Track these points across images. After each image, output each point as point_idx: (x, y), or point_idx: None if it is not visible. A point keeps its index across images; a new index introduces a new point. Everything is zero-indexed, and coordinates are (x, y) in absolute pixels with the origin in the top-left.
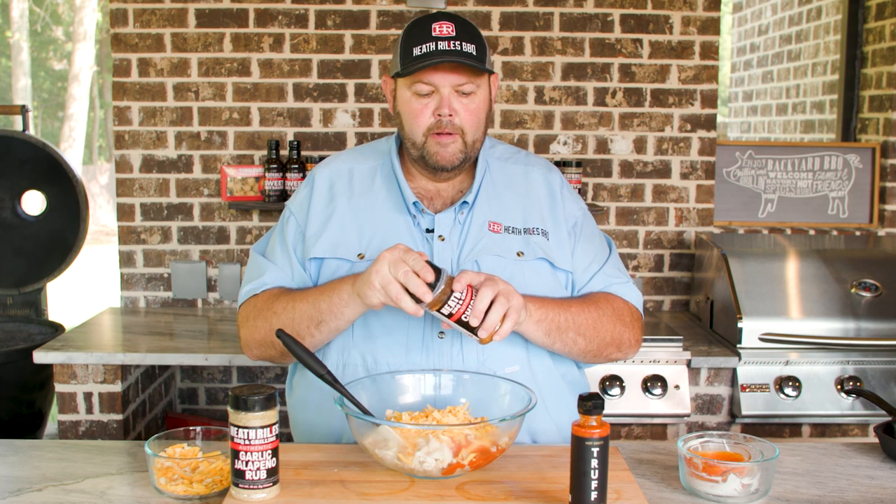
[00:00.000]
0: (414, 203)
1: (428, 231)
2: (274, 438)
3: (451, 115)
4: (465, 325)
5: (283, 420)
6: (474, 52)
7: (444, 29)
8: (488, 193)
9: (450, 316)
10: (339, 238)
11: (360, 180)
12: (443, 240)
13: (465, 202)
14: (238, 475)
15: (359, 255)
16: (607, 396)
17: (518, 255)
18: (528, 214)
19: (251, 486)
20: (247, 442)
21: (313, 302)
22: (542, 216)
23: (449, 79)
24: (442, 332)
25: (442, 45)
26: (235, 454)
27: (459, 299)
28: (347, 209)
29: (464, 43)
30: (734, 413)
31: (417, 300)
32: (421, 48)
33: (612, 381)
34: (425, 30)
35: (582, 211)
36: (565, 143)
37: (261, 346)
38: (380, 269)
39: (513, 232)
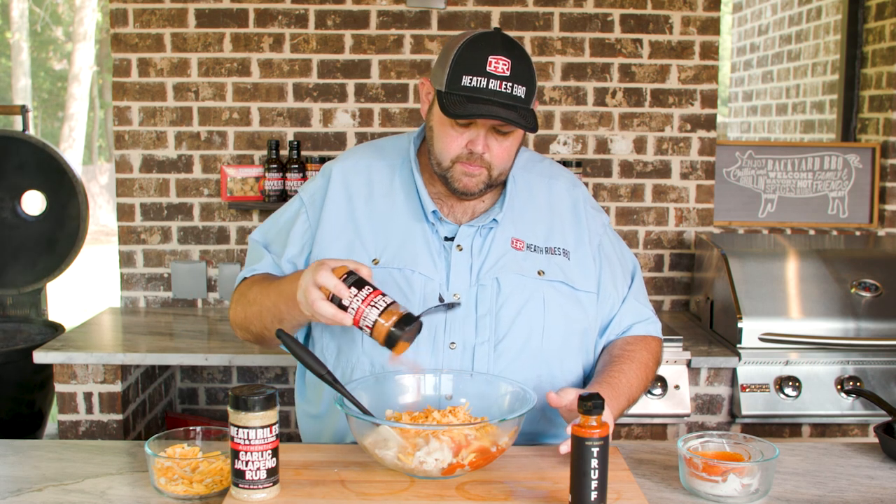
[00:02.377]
0: (433, 212)
1: (447, 239)
2: (274, 438)
3: (483, 152)
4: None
5: (284, 420)
6: (523, 96)
7: (499, 66)
8: (512, 207)
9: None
10: (354, 241)
11: (378, 181)
12: (461, 249)
13: (494, 219)
14: (238, 475)
15: (374, 259)
16: None
17: (539, 273)
18: (550, 233)
19: (251, 486)
20: (247, 442)
21: (274, 301)
22: (563, 235)
23: (490, 121)
24: (453, 343)
25: (494, 84)
26: (235, 454)
27: (354, 296)
28: (364, 211)
29: (516, 85)
30: (734, 413)
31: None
32: (472, 80)
33: None
34: (480, 60)
35: (604, 227)
36: (565, 143)
37: (239, 328)
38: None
39: (535, 250)
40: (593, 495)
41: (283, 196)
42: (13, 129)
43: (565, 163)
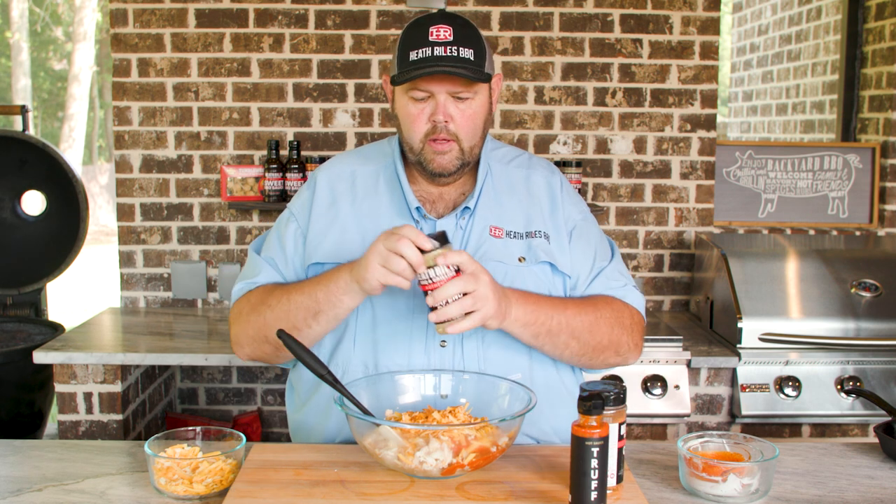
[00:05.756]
0: (416, 208)
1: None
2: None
3: (446, 122)
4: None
5: (283, 420)
6: (472, 58)
7: (441, 33)
8: (489, 197)
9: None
10: (342, 243)
11: (362, 184)
12: None
13: (466, 207)
14: None
15: None
16: None
17: (520, 260)
18: (529, 218)
19: None
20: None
21: (310, 293)
22: (543, 219)
23: (444, 86)
24: (444, 342)
25: (438, 51)
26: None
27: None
28: (350, 214)
29: (461, 48)
30: (734, 413)
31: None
32: (418, 52)
33: (612, 381)
34: (422, 33)
35: (582, 214)
36: (565, 143)
37: (253, 341)
38: (376, 247)
39: (514, 237)
40: (593, 495)
41: (283, 196)
42: (13, 129)
43: (565, 163)
